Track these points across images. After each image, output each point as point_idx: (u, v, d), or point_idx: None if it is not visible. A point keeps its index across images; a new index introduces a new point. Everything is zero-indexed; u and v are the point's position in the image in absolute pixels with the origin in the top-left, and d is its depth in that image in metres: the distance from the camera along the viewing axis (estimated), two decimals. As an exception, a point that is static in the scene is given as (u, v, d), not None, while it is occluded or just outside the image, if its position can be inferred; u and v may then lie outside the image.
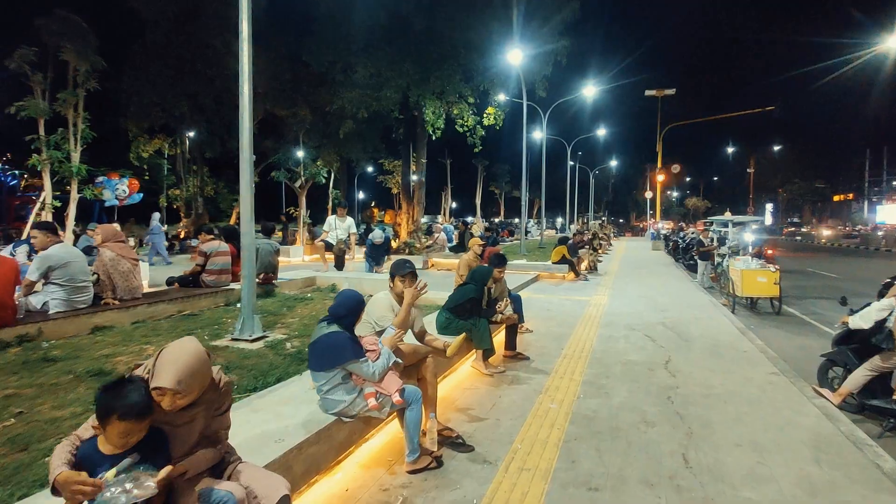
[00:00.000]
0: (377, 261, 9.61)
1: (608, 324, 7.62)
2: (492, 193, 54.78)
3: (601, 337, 6.77)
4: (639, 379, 4.97)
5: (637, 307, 9.11)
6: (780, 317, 9.35)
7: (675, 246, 21.58)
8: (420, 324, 3.88)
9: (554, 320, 7.83)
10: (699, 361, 5.60)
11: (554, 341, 6.49)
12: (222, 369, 2.10)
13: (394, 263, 3.73)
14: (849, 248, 32.13)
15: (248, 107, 4.93)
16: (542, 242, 22.19)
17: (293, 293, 7.61)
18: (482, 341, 4.92)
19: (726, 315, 8.53)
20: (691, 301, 9.96)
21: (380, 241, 9.94)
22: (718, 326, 7.54)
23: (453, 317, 5.02)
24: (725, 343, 6.50)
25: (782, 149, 68.71)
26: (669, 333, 7.02)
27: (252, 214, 5.01)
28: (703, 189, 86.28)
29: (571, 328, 7.27)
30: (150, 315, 5.55)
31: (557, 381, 4.87)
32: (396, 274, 3.65)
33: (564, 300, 9.84)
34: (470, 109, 19.67)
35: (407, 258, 3.76)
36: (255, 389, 3.63)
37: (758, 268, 9.54)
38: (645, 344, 6.40)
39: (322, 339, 2.94)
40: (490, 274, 5.06)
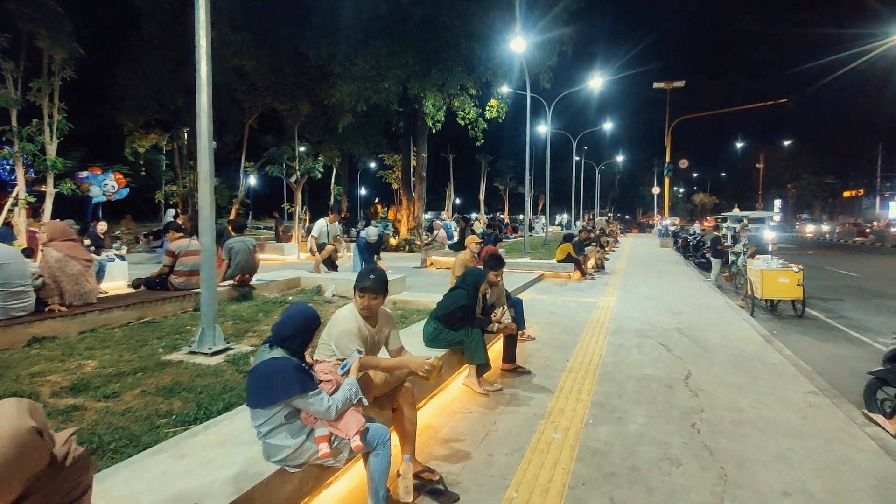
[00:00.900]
0: (369, 260, 8.93)
1: (618, 330, 6.95)
2: (496, 189, 54.04)
3: (611, 345, 6.10)
4: (656, 399, 4.30)
5: (648, 310, 8.44)
6: (803, 320, 8.64)
7: (685, 243, 20.85)
8: (396, 339, 3.23)
9: (558, 326, 7.17)
10: (723, 377, 4.93)
11: (558, 351, 5.83)
12: (75, 437, 1.45)
13: (359, 273, 3.06)
14: (863, 244, 31.24)
15: (205, 86, 4.29)
16: (546, 239, 21.50)
17: (273, 296, 6.98)
18: (475, 355, 4.28)
19: (746, 319, 7.84)
20: (706, 303, 9.27)
21: (374, 238, 9.28)
22: (739, 333, 6.85)
23: (442, 327, 4.38)
24: (750, 353, 5.82)
25: (792, 144, 67.60)
26: (686, 341, 6.35)
27: (212, 209, 4.38)
28: (710, 185, 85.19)
29: (578, 335, 6.61)
30: (103, 323, 4.93)
31: (562, 401, 4.22)
32: (355, 287, 2.99)
33: (570, 302, 9.18)
34: (472, 102, 18.96)
35: (375, 268, 3.07)
36: (194, 421, 3.00)
37: (779, 268, 8.84)
38: (660, 354, 5.73)
39: (260, 368, 2.30)
40: (484, 277, 4.41)
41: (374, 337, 3.05)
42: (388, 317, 3.19)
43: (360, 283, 2.91)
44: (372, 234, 9.16)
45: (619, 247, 25.00)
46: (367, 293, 2.90)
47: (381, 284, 2.95)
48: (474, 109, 19.19)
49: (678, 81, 27.07)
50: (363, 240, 9.03)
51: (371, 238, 9.16)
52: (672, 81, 27.15)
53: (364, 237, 9.08)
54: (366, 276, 2.93)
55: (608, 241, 21.46)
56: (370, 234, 9.18)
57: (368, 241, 9.00)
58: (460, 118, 19.48)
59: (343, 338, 2.85)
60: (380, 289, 2.93)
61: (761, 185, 66.37)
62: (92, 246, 8.96)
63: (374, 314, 3.02)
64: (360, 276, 2.95)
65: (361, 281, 2.92)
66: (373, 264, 8.98)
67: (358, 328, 2.92)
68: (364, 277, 2.92)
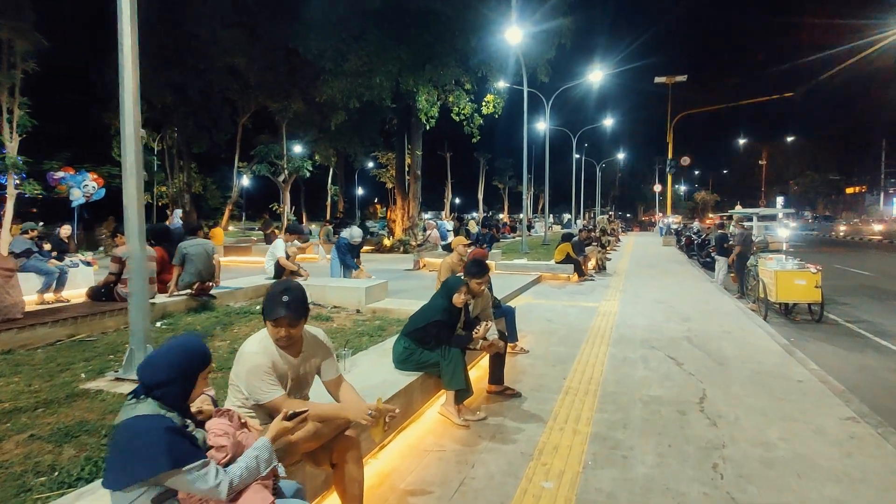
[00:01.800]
0: (349, 263, 8.24)
1: (621, 339, 6.28)
2: (496, 188, 53.38)
3: (613, 359, 5.43)
4: (668, 429, 3.63)
5: (654, 316, 7.76)
6: (821, 325, 7.96)
7: (689, 241, 20.16)
8: (332, 369, 2.54)
9: (555, 335, 6.49)
10: (744, 398, 4.26)
11: (555, 366, 5.16)
12: None
13: (267, 296, 2.35)
14: (870, 241, 30.49)
15: (129, 63, 3.64)
16: (546, 239, 20.83)
17: (238, 305, 6.32)
18: (453, 380, 3.61)
19: (761, 326, 7.16)
20: (716, 307, 8.59)
21: (359, 240, 8.59)
22: (756, 342, 6.18)
23: (415, 346, 3.71)
24: (771, 367, 5.14)
25: (795, 140, 66.84)
26: (697, 353, 5.67)
27: (140, 208, 3.71)
28: (712, 183, 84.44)
29: (577, 347, 5.93)
30: (24, 342, 4.27)
31: (556, 434, 3.55)
32: (265, 315, 2.30)
33: (569, 307, 8.50)
34: (467, 97, 18.29)
35: (289, 286, 2.36)
36: (76, 482, 2.33)
37: (795, 268, 8.15)
38: (669, 370, 5.05)
39: (118, 432, 1.63)
40: (458, 287, 3.73)
41: (300, 369, 2.38)
42: (318, 341, 2.51)
43: (272, 312, 2.22)
44: (356, 235, 8.48)
45: (621, 246, 24.31)
46: (283, 323, 2.22)
47: (299, 307, 2.25)
48: (469, 105, 18.52)
49: (680, 76, 26.37)
50: (345, 241, 8.31)
51: (355, 239, 8.48)
52: (674, 76, 26.47)
53: (346, 238, 8.37)
54: (276, 301, 2.22)
55: (609, 241, 20.78)
56: (354, 234, 8.49)
57: (352, 242, 8.31)
58: (455, 114, 18.81)
59: (254, 377, 2.18)
60: (298, 313, 2.25)
61: (765, 182, 65.57)
62: (54, 251, 8.31)
63: (296, 342, 2.34)
64: (270, 301, 2.25)
65: (272, 308, 2.22)
66: (287, 283, 8.28)
67: (272, 362, 2.24)
68: (275, 303, 2.22)
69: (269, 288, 2.34)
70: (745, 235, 10.67)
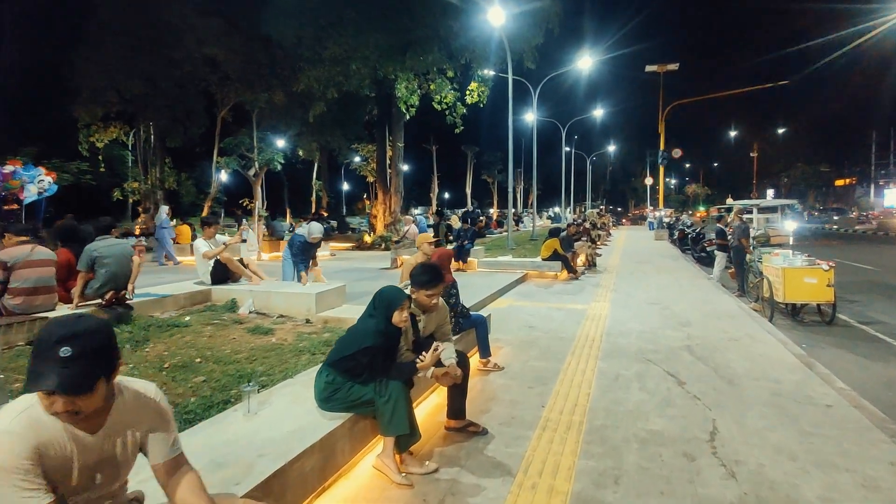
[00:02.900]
0: (303, 265, 7.26)
1: (612, 351, 5.42)
2: (485, 182, 52.49)
3: (603, 377, 4.57)
4: (672, 484, 2.78)
5: (649, 320, 6.92)
6: (833, 328, 7.16)
7: (682, 235, 19.41)
8: (166, 445, 1.63)
9: (537, 346, 5.63)
10: (766, 434, 3.41)
11: (532, 388, 4.30)
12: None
13: (33, 355, 1.41)
14: (864, 234, 29.94)
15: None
16: (534, 234, 19.98)
17: (167, 315, 5.40)
18: (392, 423, 2.73)
19: (769, 331, 6.34)
20: (716, 308, 7.77)
21: (318, 237, 7.64)
22: (767, 352, 5.34)
23: (342, 378, 2.82)
24: (790, 387, 4.31)
25: (786, 132, 66.44)
26: (701, 368, 4.83)
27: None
28: (703, 175, 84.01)
29: (560, 360, 5.07)
30: None
31: (527, 495, 2.68)
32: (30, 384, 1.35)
33: (554, 310, 7.65)
34: (449, 85, 17.34)
35: (84, 321, 1.42)
36: None
37: (804, 265, 7.34)
38: (670, 392, 4.20)
39: None
40: (399, 302, 2.84)
41: (101, 450, 1.48)
42: (143, 402, 1.61)
43: (40, 380, 1.31)
44: (316, 232, 7.50)
45: (612, 240, 23.54)
46: (59, 395, 1.32)
47: (87, 370, 1.35)
48: (452, 93, 17.57)
49: (672, 64, 25.57)
50: (300, 238, 7.30)
51: (314, 237, 7.50)
52: (665, 64, 25.66)
53: (302, 235, 7.38)
54: (47, 357, 1.32)
55: (599, 235, 19.98)
56: (313, 231, 7.48)
57: (309, 240, 7.34)
58: (436, 102, 17.86)
59: None
60: (82, 384, 1.35)
61: (756, 174, 65.18)
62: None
63: (93, 413, 1.44)
64: (38, 356, 1.35)
65: (39, 371, 1.32)
66: (75, 323, 7.29)
67: (39, 450, 1.35)
68: (43, 360, 1.32)
69: (42, 329, 1.41)
70: (743, 228, 9.87)
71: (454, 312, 4.54)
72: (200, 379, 3.73)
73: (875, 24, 24.21)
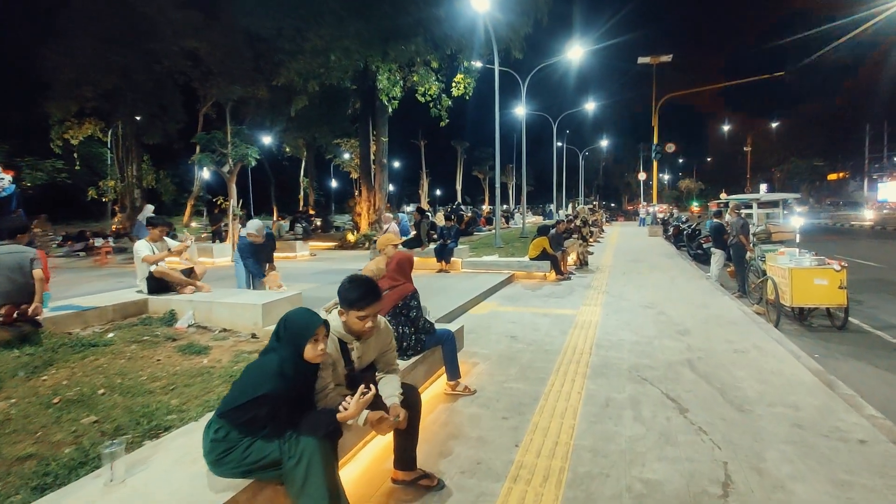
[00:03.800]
0: (256, 271, 6.38)
1: (602, 368, 4.73)
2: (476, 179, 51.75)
3: (591, 402, 3.88)
4: (679, 571, 2.08)
5: (644, 328, 6.24)
6: (846, 334, 6.51)
7: (677, 232, 18.77)
8: None
9: (517, 362, 4.93)
10: (793, 485, 2.72)
11: (507, 418, 3.60)
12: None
13: None
14: (861, 228, 29.44)
15: None
16: (524, 231, 19.28)
17: (88, 332, 4.65)
18: (305, 493, 2.02)
19: (778, 340, 5.67)
20: (717, 312, 7.10)
21: (258, 237, 6.25)
22: (780, 369, 4.66)
23: (237, 434, 2.10)
24: (812, 414, 3.63)
25: (779, 126, 66.08)
26: (705, 389, 4.15)
27: None
28: (696, 170, 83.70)
29: (542, 381, 4.38)
30: None
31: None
32: None
33: (540, 317, 6.95)
34: (434, 76, 16.58)
35: None
36: None
37: (814, 265, 6.68)
38: (670, 423, 3.51)
39: None
40: (312, 330, 2.12)
41: None
42: None
43: None
44: (252, 228, 6.24)
45: (605, 237, 22.89)
46: None
47: None
48: (436, 84, 16.81)
49: (665, 56, 24.89)
50: (244, 240, 6.31)
51: (254, 237, 6.22)
52: (658, 56, 24.98)
53: (242, 236, 6.41)
54: None
55: (592, 232, 19.33)
56: (250, 228, 6.27)
57: (252, 240, 6.23)
58: (420, 94, 17.10)
59: None
60: None
61: (750, 169, 64.79)
62: None
63: None
64: None
65: None
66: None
67: None
68: None
69: None
70: (742, 224, 9.22)
71: (414, 328, 3.83)
72: (91, 419, 3.01)
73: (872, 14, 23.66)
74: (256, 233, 6.15)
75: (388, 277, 3.90)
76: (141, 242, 5.66)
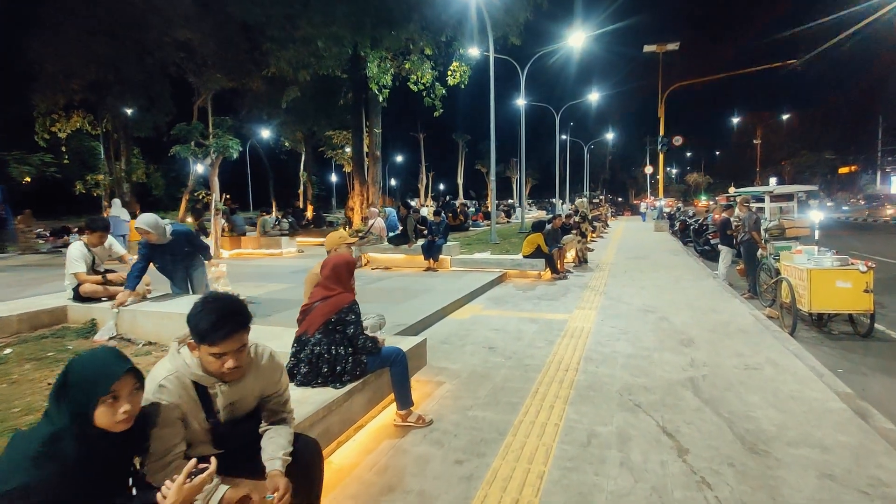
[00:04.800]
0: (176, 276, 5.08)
1: (590, 388, 4.01)
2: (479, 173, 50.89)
3: (570, 438, 3.16)
4: None
5: (642, 336, 5.50)
6: (871, 342, 5.75)
7: (684, 227, 17.95)
8: None
9: (490, 380, 4.22)
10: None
11: (462, 462, 2.89)
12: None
13: None
14: (875, 223, 28.42)
15: None
16: (523, 227, 18.50)
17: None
18: None
19: (795, 353, 4.91)
20: (725, 318, 6.34)
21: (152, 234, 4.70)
22: (798, 390, 3.92)
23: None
24: (845, 458, 2.89)
25: (789, 118, 64.64)
26: (711, 421, 3.41)
27: None
28: (704, 164, 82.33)
29: (516, 406, 3.66)
30: None
31: None
32: None
33: (527, 322, 6.23)
34: (428, 63, 15.80)
35: None
36: None
37: (836, 266, 5.91)
38: (665, 472, 2.79)
39: None
40: (108, 383, 1.39)
41: None
42: None
43: None
44: (143, 223, 4.71)
45: (609, 232, 22.09)
46: None
47: None
48: (430, 72, 16.03)
49: (672, 44, 23.95)
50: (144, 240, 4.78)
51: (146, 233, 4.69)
52: (665, 44, 24.05)
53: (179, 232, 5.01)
54: None
55: (595, 227, 18.53)
56: (144, 222, 4.73)
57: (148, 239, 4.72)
58: (412, 83, 16.34)
59: None
60: None
61: (759, 162, 63.49)
62: None
63: None
64: None
65: None
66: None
67: None
68: None
69: None
70: (754, 219, 8.43)
71: (352, 348, 3.13)
72: None
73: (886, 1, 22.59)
74: (148, 228, 4.65)
75: (321, 286, 3.19)
76: (76, 245, 4.96)
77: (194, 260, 5.28)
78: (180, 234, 4.97)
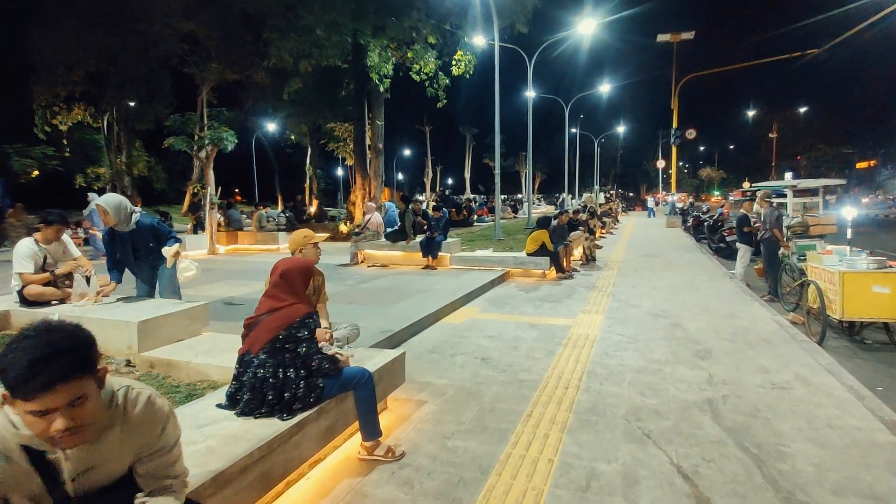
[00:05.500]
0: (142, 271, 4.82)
1: (592, 411, 3.47)
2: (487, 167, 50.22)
3: (565, 481, 2.63)
4: None
5: (653, 347, 4.94)
6: (909, 355, 5.15)
7: (697, 223, 17.28)
8: None
9: (478, 400, 3.69)
10: None
11: (430, 516, 2.37)
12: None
13: None
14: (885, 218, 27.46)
15: None
16: (529, 223, 17.90)
17: None
18: None
19: (829, 369, 4.33)
20: (745, 325, 5.76)
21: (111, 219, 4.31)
22: (839, 418, 3.35)
23: None
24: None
25: (807, 112, 63.07)
26: (735, 458, 2.87)
27: None
28: (717, 158, 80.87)
29: (503, 437, 3.13)
30: None
31: None
32: None
33: (526, 328, 5.69)
34: (431, 51, 15.22)
35: None
36: None
37: (872, 269, 5.30)
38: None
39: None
40: None
41: None
42: None
43: None
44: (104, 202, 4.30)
45: (619, 228, 21.42)
46: None
47: None
48: (434, 62, 15.44)
49: (686, 33, 23.12)
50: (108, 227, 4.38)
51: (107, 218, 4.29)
52: (679, 33, 23.22)
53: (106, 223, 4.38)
54: None
55: (604, 223, 17.90)
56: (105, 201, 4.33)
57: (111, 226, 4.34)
58: (415, 73, 15.77)
59: None
60: None
61: (775, 156, 62.09)
62: None
63: None
64: None
65: None
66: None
67: None
68: None
69: None
70: (776, 216, 7.81)
71: (305, 371, 2.61)
72: None
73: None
74: (107, 208, 4.17)
75: (268, 295, 2.68)
76: (26, 242, 4.49)
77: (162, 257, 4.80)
78: (145, 225, 4.49)
